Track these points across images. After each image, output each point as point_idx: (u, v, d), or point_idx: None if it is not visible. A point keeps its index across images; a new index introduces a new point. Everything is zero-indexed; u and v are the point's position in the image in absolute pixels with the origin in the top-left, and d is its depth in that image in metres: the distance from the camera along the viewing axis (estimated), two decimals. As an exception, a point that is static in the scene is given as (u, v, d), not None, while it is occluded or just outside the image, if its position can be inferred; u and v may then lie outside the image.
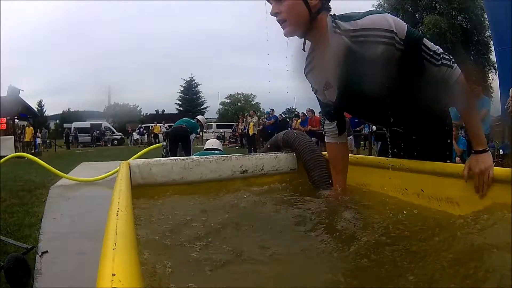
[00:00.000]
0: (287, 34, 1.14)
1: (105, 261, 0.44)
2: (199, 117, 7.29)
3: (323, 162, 1.54)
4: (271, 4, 1.13)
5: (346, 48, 1.08)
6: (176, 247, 0.97)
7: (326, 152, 1.50)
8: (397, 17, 1.11)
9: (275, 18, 1.13)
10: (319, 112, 7.45)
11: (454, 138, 5.37)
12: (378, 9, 1.19)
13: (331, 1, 1.15)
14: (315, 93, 1.33)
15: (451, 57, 1.08)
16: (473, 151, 1.09)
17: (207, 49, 67.51)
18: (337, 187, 1.39)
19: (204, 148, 3.55)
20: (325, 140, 1.41)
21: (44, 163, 4.99)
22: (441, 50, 1.08)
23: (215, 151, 3.13)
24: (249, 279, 0.84)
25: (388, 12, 1.12)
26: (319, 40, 1.16)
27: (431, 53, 1.06)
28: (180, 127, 6.13)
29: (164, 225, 1.12)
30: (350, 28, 1.06)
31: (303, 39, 1.21)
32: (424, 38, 1.07)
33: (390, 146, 1.36)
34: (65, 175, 5.11)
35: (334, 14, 1.13)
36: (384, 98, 1.13)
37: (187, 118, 6.78)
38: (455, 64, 1.08)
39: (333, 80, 1.19)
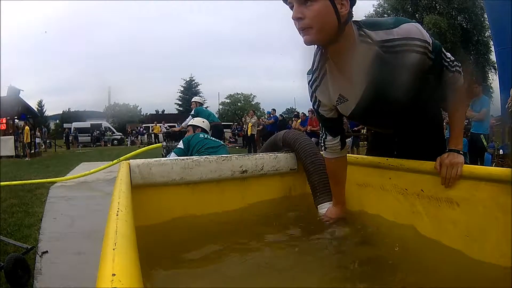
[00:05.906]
0: (308, 43, 0.99)
1: (105, 261, 0.44)
2: (196, 98, 6.12)
3: (324, 166, 1.53)
4: (289, 6, 0.98)
5: (377, 58, 1.02)
6: (176, 249, 0.97)
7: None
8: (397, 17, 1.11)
9: (295, 22, 0.98)
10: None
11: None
12: (404, 18, 1.15)
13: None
14: (317, 108, 1.24)
15: (459, 63, 1.11)
16: (448, 150, 1.12)
17: (207, 49, 67.62)
18: (336, 202, 1.41)
19: (189, 123, 3.31)
20: (324, 156, 1.35)
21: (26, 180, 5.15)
22: (453, 57, 1.11)
23: (211, 139, 2.86)
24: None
25: (395, 15, 1.13)
26: (341, 51, 1.05)
27: (448, 60, 1.09)
28: (219, 124, 5.87)
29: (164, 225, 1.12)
30: (384, 38, 1.00)
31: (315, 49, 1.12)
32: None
33: (395, 147, 1.37)
34: (55, 179, 5.17)
35: (358, 21, 1.04)
36: (407, 106, 1.12)
37: (209, 111, 6.09)
38: (461, 69, 1.12)
39: (352, 92, 1.11)
